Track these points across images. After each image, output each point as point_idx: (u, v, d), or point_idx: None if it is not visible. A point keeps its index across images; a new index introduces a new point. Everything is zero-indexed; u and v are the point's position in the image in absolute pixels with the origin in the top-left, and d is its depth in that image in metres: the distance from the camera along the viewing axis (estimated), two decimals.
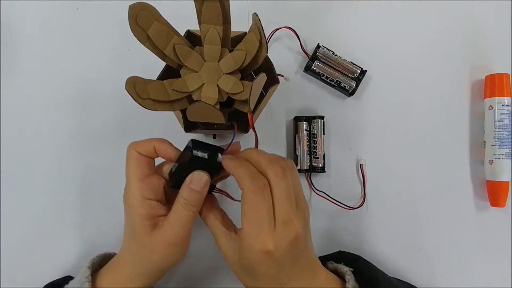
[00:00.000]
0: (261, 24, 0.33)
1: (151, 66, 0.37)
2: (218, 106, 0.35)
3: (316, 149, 0.47)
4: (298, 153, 0.47)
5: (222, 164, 0.34)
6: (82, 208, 0.48)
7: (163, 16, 0.34)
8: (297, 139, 0.48)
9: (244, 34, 0.37)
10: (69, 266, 0.47)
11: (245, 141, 0.48)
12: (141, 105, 0.33)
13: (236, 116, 0.39)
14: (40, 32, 0.50)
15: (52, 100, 0.49)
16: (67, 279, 0.40)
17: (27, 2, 0.50)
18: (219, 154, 0.34)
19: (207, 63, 0.36)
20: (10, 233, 0.47)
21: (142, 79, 0.33)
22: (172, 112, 0.39)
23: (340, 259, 0.40)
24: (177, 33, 0.35)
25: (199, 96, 0.35)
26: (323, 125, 0.48)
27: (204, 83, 0.36)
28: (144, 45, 0.34)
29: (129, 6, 0.32)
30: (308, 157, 0.47)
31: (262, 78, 0.34)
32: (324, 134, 0.48)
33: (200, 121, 0.37)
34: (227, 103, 0.37)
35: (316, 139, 0.48)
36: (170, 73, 0.37)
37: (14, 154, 0.48)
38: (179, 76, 0.36)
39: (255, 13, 0.34)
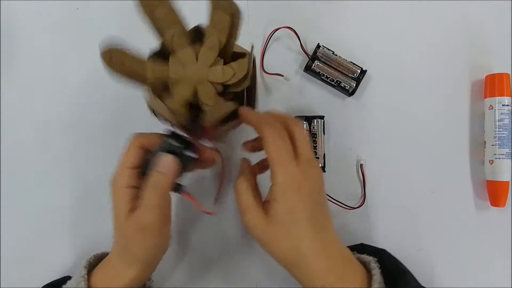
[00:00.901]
0: (254, 59, 0.33)
1: None
2: (182, 109, 0.34)
3: (316, 149, 0.47)
4: None
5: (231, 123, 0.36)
6: (81, 209, 0.48)
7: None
8: None
9: (243, 54, 0.36)
10: (69, 267, 0.47)
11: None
12: (112, 75, 0.32)
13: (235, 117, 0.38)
14: (40, 32, 0.50)
15: (52, 100, 0.49)
16: (66, 279, 0.40)
17: (27, 2, 0.50)
18: (189, 150, 0.36)
19: (198, 64, 0.34)
20: (10, 233, 0.47)
21: (123, 51, 0.33)
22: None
23: (362, 252, 0.39)
24: (184, 24, 0.34)
25: (174, 89, 0.35)
26: (323, 125, 0.48)
27: (184, 80, 0.35)
28: (146, 21, 0.33)
29: None
30: None
31: (229, 105, 0.34)
32: (324, 134, 0.48)
33: (161, 114, 0.37)
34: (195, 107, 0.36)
35: (316, 139, 0.48)
36: (165, 54, 0.35)
37: (13, 155, 0.48)
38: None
39: (252, 44, 0.34)
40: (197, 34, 0.37)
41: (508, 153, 0.48)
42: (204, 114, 0.35)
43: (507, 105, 0.48)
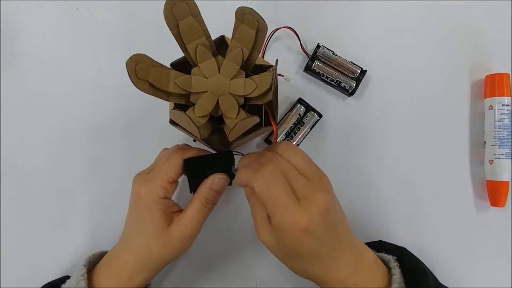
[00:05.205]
0: (276, 73, 0.33)
1: None
2: (203, 120, 0.35)
3: (293, 137, 0.48)
4: (278, 127, 0.47)
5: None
6: (83, 208, 0.48)
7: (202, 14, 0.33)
8: (286, 116, 0.48)
9: (267, 67, 0.37)
10: (69, 267, 0.47)
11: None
12: (135, 85, 0.31)
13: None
14: (40, 32, 0.50)
15: (52, 100, 0.49)
16: (65, 279, 0.40)
17: (27, 2, 0.50)
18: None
19: (220, 76, 0.35)
20: (10, 234, 0.47)
21: (150, 60, 0.32)
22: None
23: (380, 249, 0.39)
24: (208, 35, 0.34)
25: (195, 100, 0.35)
26: (315, 122, 0.48)
27: (206, 91, 0.35)
28: (171, 31, 0.33)
29: None
30: (284, 137, 0.48)
31: (252, 120, 0.33)
32: (310, 130, 0.48)
33: (181, 125, 0.37)
34: (216, 119, 0.37)
35: (299, 128, 0.48)
36: (185, 66, 0.36)
37: (14, 153, 0.48)
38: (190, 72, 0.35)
39: (277, 59, 0.34)
40: (221, 45, 0.36)
41: (508, 153, 0.48)
42: (226, 128, 0.35)
43: (507, 105, 0.48)
